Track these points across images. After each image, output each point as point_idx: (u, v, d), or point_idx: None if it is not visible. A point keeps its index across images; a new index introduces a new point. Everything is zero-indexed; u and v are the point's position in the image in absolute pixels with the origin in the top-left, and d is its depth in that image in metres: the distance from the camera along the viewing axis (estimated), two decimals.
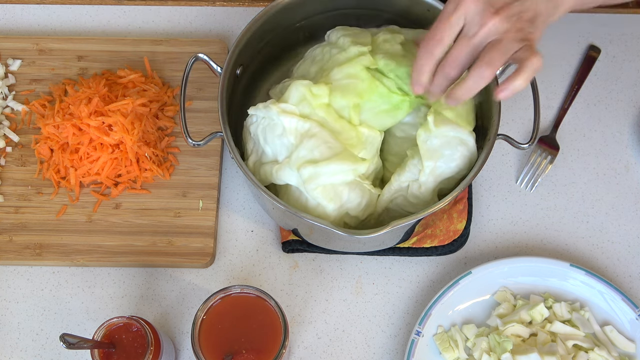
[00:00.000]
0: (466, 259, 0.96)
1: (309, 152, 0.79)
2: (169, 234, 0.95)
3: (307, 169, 0.79)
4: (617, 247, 0.96)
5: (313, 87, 0.81)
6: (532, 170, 0.99)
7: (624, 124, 1.03)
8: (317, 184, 0.79)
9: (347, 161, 0.79)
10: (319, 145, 0.80)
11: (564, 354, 0.85)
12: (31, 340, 0.91)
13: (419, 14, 0.89)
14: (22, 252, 0.94)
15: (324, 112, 0.81)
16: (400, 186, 0.84)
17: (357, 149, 0.82)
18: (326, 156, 0.79)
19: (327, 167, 0.79)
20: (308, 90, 0.81)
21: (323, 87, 0.81)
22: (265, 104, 0.82)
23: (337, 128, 0.81)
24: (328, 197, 0.80)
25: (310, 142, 0.80)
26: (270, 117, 0.81)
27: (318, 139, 0.80)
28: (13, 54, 1.05)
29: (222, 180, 0.99)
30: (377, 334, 0.92)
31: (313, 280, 0.94)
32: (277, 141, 0.82)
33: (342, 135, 0.81)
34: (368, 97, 0.82)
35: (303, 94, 0.81)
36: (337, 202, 0.81)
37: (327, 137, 0.80)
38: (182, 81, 0.85)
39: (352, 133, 0.82)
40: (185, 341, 0.92)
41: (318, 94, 0.81)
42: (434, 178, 0.82)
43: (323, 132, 0.80)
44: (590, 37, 1.07)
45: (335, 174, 0.79)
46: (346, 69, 0.83)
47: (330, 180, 0.79)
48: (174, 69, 1.04)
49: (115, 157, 0.94)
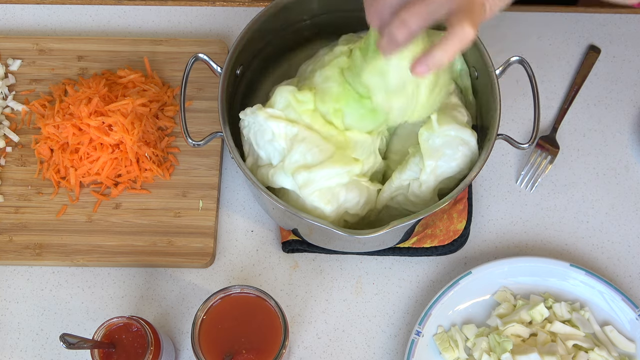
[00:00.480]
0: (466, 259, 0.96)
1: (302, 156, 0.79)
2: (169, 234, 0.95)
3: (301, 175, 0.79)
4: (617, 247, 0.96)
5: (297, 93, 0.81)
6: (532, 170, 0.99)
7: (624, 124, 1.03)
8: (313, 189, 0.79)
9: (341, 163, 0.79)
10: (311, 149, 0.79)
11: (564, 354, 0.85)
12: (31, 340, 0.91)
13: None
14: (22, 252, 0.94)
15: (309, 119, 0.80)
16: (401, 184, 0.84)
17: (349, 149, 0.81)
18: (319, 160, 0.79)
19: (321, 171, 0.78)
20: (292, 97, 0.81)
21: (307, 93, 0.81)
22: (252, 109, 0.81)
23: (324, 133, 0.81)
24: (325, 200, 0.80)
25: (301, 146, 0.79)
26: (259, 122, 0.81)
27: (309, 143, 0.79)
28: (13, 54, 1.05)
29: (222, 180, 0.99)
30: (377, 334, 0.92)
31: (313, 280, 0.94)
32: (268, 146, 0.81)
33: (330, 140, 0.81)
34: (345, 101, 0.80)
35: (288, 100, 0.81)
36: (335, 204, 0.81)
37: (317, 141, 0.80)
38: (182, 81, 0.85)
39: (340, 138, 0.81)
40: (185, 341, 0.92)
41: (302, 100, 0.81)
42: (435, 177, 0.82)
43: (313, 136, 0.80)
44: (590, 37, 1.07)
45: (330, 178, 0.79)
46: (326, 71, 0.82)
47: (325, 184, 0.79)
48: (174, 69, 1.04)
49: (115, 157, 0.94)
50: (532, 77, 0.85)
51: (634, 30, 1.08)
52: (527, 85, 0.86)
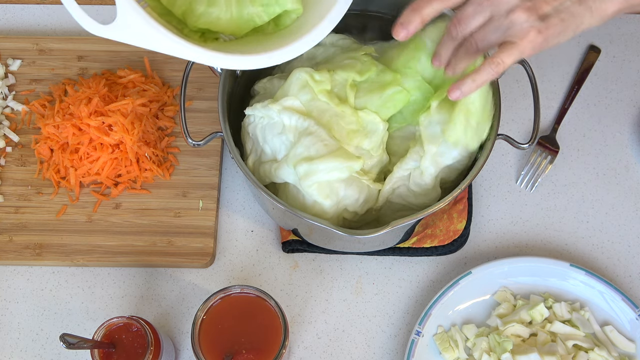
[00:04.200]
0: (466, 259, 0.96)
1: (306, 149, 0.80)
2: (169, 234, 0.95)
3: (302, 166, 0.79)
4: (617, 247, 0.96)
5: (315, 73, 0.82)
6: (532, 170, 0.99)
7: (624, 124, 1.03)
8: (313, 181, 0.79)
9: (342, 158, 0.79)
10: (315, 142, 0.80)
11: (564, 354, 0.85)
12: (31, 340, 0.91)
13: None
14: (22, 252, 0.94)
15: (326, 97, 0.81)
16: (402, 174, 0.84)
17: (359, 137, 0.81)
18: (322, 153, 0.79)
19: (322, 164, 0.79)
20: (310, 77, 0.82)
21: (325, 73, 0.82)
22: (264, 103, 0.82)
23: (339, 112, 0.82)
24: (324, 194, 0.80)
25: (307, 140, 0.80)
26: (270, 116, 0.82)
27: (315, 137, 0.80)
28: (13, 54, 1.05)
29: (222, 180, 0.99)
30: (377, 334, 0.92)
31: (313, 280, 0.94)
32: (276, 140, 0.82)
33: (344, 119, 0.81)
34: (367, 72, 0.83)
35: (305, 80, 0.82)
36: (334, 199, 0.81)
37: (324, 136, 0.80)
38: (182, 81, 0.85)
39: (352, 118, 0.82)
40: (185, 341, 0.92)
41: (320, 80, 0.82)
42: (436, 164, 0.82)
43: (320, 131, 0.80)
44: (590, 37, 1.07)
45: (330, 171, 0.79)
46: (351, 53, 0.86)
47: (325, 177, 0.79)
48: (174, 69, 1.04)
49: (115, 157, 0.94)
50: (532, 77, 0.85)
51: (634, 30, 1.08)
52: (527, 85, 0.86)
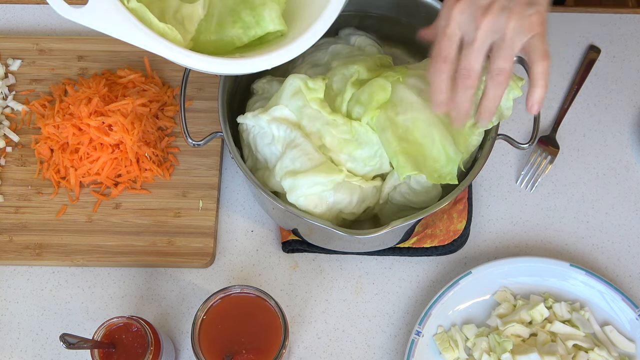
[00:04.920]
0: (466, 259, 0.96)
1: (291, 162, 0.80)
2: (169, 234, 0.95)
3: (287, 181, 0.79)
4: (617, 247, 0.96)
5: (309, 80, 0.81)
6: (532, 170, 0.99)
7: (624, 124, 1.03)
8: (298, 195, 0.79)
9: (324, 173, 0.79)
10: (300, 156, 0.80)
11: (564, 354, 0.85)
12: (31, 340, 0.91)
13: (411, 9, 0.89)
14: (22, 252, 0.94)
15: (318, 105, 0.81)
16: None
17: (352, 146, 0.81)
18: (306, 167, 0.79)
19: (304, 179, 0.79)
20: (304, 84, 0.81)
21: (319, 81, 0.82)
22: (254, 113, 0.82)
23: (330, 121, 0.81)
24: (312, 204, 0.80)
25: (292, 153, 0.80)
26: (260, 125, 0.82)
27: (300, 150, 0.80)
28: (13, 54, 1.05)
29: (222, 180, 0.99)
30: (377, 334, 0.92)
31: (313, 280, 0.94)
32: (266, 150, 0.82)
33: (336, 128, 0.81)
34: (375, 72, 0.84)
35: (298, 87, 0.81)
36: (324, 207, 0.81)
37: (309, 149, 0.80)
38: (182, 81, 0.85)
39: (345, 127, 0.81)
40: (185, 341, 0.92)
41: (313, 88, 0.81)
42: None
43: (306, 143, 0.80)
44: (590, 37, 1.07)
45: (312, 186, 0.79)
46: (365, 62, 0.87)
47: (309, 192, 0.79)
48: (174, 69, 1.04)
49: (115, 157, 0.94)
50: None
51: (634, 30, 1.08)
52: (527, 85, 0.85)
